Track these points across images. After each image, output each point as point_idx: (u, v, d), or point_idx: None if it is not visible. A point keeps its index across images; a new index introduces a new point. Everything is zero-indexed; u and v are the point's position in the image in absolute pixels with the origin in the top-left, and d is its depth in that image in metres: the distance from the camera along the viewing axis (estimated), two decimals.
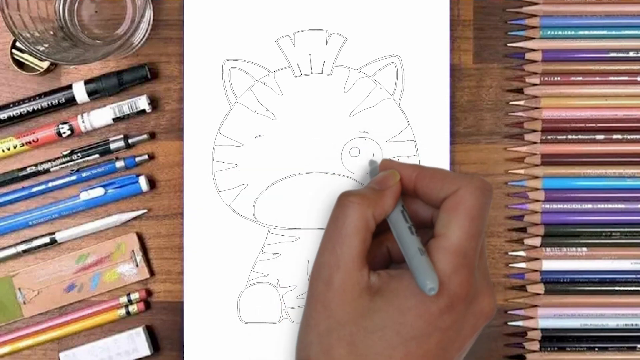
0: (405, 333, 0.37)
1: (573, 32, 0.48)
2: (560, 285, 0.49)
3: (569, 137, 0.49)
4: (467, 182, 0.39)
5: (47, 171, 0.49)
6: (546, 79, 0.48)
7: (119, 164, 0.48)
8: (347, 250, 0.38)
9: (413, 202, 0.42)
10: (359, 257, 0.38)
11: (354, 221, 0.38)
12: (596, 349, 0.49)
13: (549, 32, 0.48)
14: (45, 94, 0.48)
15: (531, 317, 0.49)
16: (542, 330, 0.49)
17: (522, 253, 0.49)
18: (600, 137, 0.49)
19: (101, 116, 0.48)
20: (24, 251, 0.49)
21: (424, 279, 0.36)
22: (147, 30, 0.49)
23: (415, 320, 0.37)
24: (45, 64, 0.48)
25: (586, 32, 0.48)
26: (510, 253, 0.49)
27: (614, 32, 0.48)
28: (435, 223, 0.39)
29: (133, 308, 0.48)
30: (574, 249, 0.48)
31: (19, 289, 0.49)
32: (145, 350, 0.48)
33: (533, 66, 0.49)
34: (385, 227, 0.40)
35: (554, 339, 0.49)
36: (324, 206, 0.48)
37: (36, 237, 0.49)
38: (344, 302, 0.38)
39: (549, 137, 0.49)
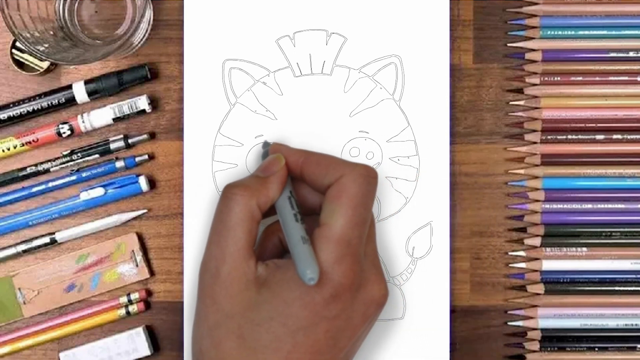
0: (292, 324, 0.37)
1: (573, 32, 0.48)
2: (560, 285, 0.49)
3: (569, 137, 0.49)
4: (350, 170, 0.39)
5: (47, 171, 0.49)
6: (546, 79, 0.48)
7: (119, 164, 0.48)
8: (232, 242, 0.38)
9: (303, 187, 0.42)
10: (245, 248, 0.38)
11: (238, 213, 0.38)
12: (596, 349, 0.49)
13: (549, 32, 0.48)
14: (45, 94, 0.48)
15: (531, 317, 0.49)
16: (542, 330, 0.49)
17: (522, 253, 0.49)
18: (600, 137, 0.49)
19: (101, 116, 0.48)
20: (24, 251, 0.49)
21: (304, 268, 0.36)
22: (147, 30, 0.49)
23: (301, 310, 0.37)
24: (45, 64, 0.48)
25: (586, 32, 0.48)
26: (510, 253, 0.49)
27: (614, 32, 0.48)
28: (321, 211, 0.39)
29: (133, 308, 0.48)
30: (574, 249, 0.48)
31: (19, 289, 0.49)
32: (145, 350, 0.48)
33: (533, 66, 0.49)
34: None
35: (554, 339, 0.49)
36: None
37: (36, 237, 0.49)
38: (231, 294, 0.38)
39: (549, 137, 0.49)
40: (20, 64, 0.49)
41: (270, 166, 0.41)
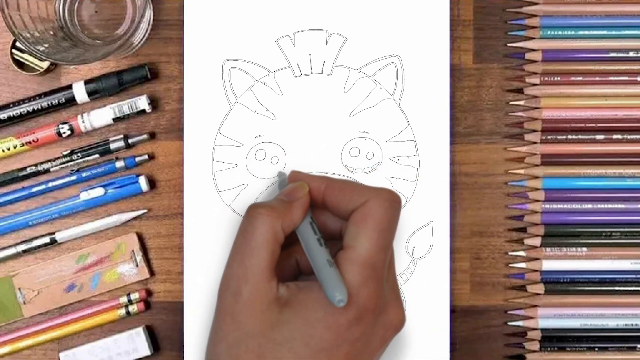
0: (314, 345, 0.37)
1: (573, 32, 0.48)
2: (560, 285, 0.49)
3: (569, 137, 0.49)
4: (376, 194, 0.39)
5: (47, 171, 0.49)
6: (546, 79, 0.48)
7: (119, 164, 0.48)
8: (255, 262, 0.38)
9: (322, 214, 0.42)
10: (268, 269, 0.38)
11: (263, 233, 0.39)
12: (596, 349, 0.49)
13: (549, 32, 0.48)
14: (45, 94, 0.48)
15: (531, 317, 0.49)
16: (542, 330, 0.49)
17: (522, 253, 0.49)
18: (600, 137, 0.49)
19: (101, 116, 0.48)
20: (24, 251, 0.49)
21: (333, 290, 0.36)
22: (147, 30, 0.49)
23: (324, 332, 0.37)
24: (45, 64, 0.48)
25: (586, 32, 0.48)
26: (510, 253, 0.49)
27: (614, 32, 0.48)
28: (344, 235, 0.39)
29: (133, 308, 0.48)
30: (574, 249, 0.48)
31: (19, 289, 0.49)
32: (145, 350, 0.48)
33: (533, 66, 0.49)
34: (294, 239, 0.41)
35: (554, 339, 0.49)
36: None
37: (36, 237, 0.49)
38: (253, 314, 0.38)
39: (549, 137, 0.49)
40: (20, 64, 0.49)
41: (294, 192, 0.41)
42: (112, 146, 0.48)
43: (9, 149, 0.48)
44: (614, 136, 0.49)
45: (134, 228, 0.49)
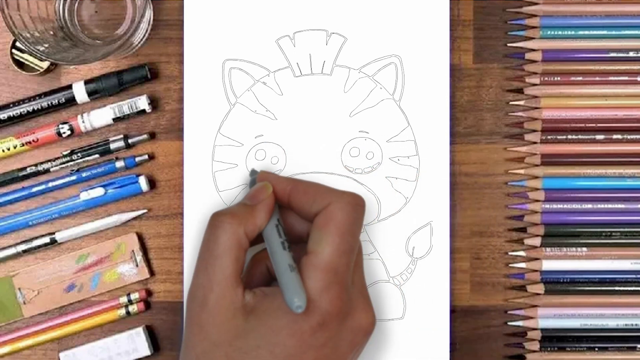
0: (279, 352, 0.37)
1: (573, 32, 0.48)
2: (560, 285, 0.49)
3: (569, 137, 0.49)
4: (337, 198, 0.39)
5: (47, 171, 0.49)
6: (546, 79, 0.48)
7: (119, 164, 0.48)
8: (219, 270, 0.38)
9: (289, 215, 0.42)
10: (232, 276, 0.38)
11: (225, 241, 0.38)
12: (596, 349, 0.49)
13: (549, 32, 0.48)
14: (45, 94, 0.48)
15: (531, 317, 0.49)
16: (542, 330, 0.49)
17: (522, 253, 0.49)
18: (600, 137, 0.49)
19: (101, 116, 0.48)
20: (24, 251, 0.49)
21: (292, 296, 0.36)
22: (147, 30, 0.49)
23: (288, 339, 0.37)
24: (45, 64, 0.48)
25: (586, 32, 0.48)
26: (510, 253, 0.49)
27: (614, 32, 0.48)
28: (308, 239, 0.39)
29: (133, 308, 0.48)
30: (574, 249, 0.48)
31: (19, 289, 0.49)
32: (145, 350, 0.48)
33: (533, 66, 0.49)
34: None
35: (554, 339, 0.49)
36: None
37: (36, 237, 0.49)
38: (218, 322, 0.38)
39: (549, 137, 0.49)
40: (20, 64, 0.49)
41: (257, 194, 0.41)
42: (112, 146, 0.48)
43: (9, 149, 0.48)
44: (614, 136, 0.49)
45: (134, 228, 0.49)
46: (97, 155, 0.48)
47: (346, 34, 0.48)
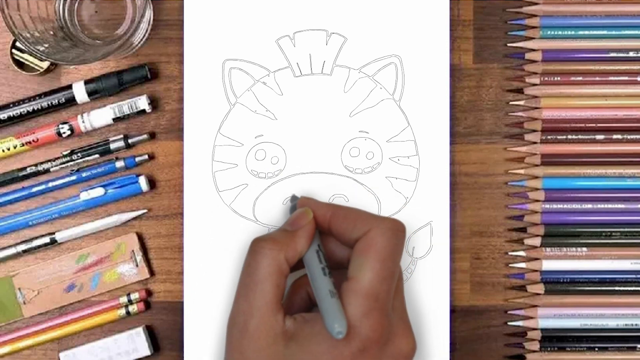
0: None
1: (573, 32, 0.48)
2: (560, 285, 0.49)
3: (569, 137, 0.49)
4: (378, 223, 0.39)
5: (47, 171, 0.49)
6: (546, 79, 0.48)
7: (119, 164, 0.48)
8: (260, 296, 0.38)
9: (330, 241, 0.42)
10: (273, 302, 0.38)
11: (266, 267, 0.39)
12: (596, 349, 0.49)
13: (549, 32, 0.48)
14: (45, 94, 0.48)
15: (531, 317, 0.49)
16: (542, 330, 0.49)
17: (522, 253, 0.49)
18: (600, 137, 0.49)
19: (101, 116, 0.48)
20: (24, 251, 0.49)
21: (332, 322, 0.36)
22: (147, 30, 0.49)
23: None
24: (45, 64, 0.48)
25: (586, 32, 0.48)
26: (510, 253, 0.49)
27: (614, 32, 0.48)
28: (349, 265, 0.39)
29: (133, 308, 0.48)
30: (574, 249, 0.48)
31: (19, 289, 0.49)
32: (145, 350, 0.48)
33: (533, 66, 0.49)
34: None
35: (554, 339, 0.49)
36: None
37: (36, 237, 0.49)
38: (259, 348, 0.38)
39: (549, 137, 0.49)
40: (20, 64, 0.49)
41: (298, 220, 0.41)
42: (112, 146, 0.48)
43: (9, 149, 0.48)
44: (614, 136, 0.49)
45: (134, 228, 0.49)
46: (97, 155, 0.48)
47: (346, 34, 0.48)
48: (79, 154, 0.48)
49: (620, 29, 0.48)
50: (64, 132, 0.48)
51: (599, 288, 0.49)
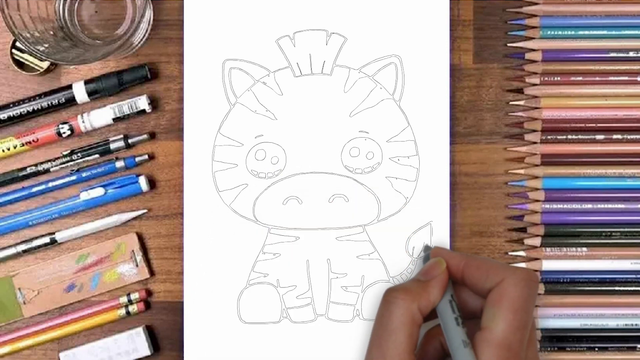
0: None
1: (573, 32, 0.48)
2: (560, 285, 0.49)
3: (569, 137, 0.49)
4: (511, 273, 0.39)
5: (47, 171, 0.49)
6: (546, 79, 0.48)
7: (119, 164, 0.48)
8: (392, 346, 0.38)
9: (463, 291, 0.42)
10: (406, 352, 0.38)
11: (399, 317, 0.39)
12: (596, 349, 0.49)
13: (549, 32, 0.48)
14: (45, 94, 0.48)
15: None
16: (542, 330, 0.49)
17: (522, 253, 0.49)
18: (600, 137, 0.49)
19: (101, 116, 0.48)
20: (24, 251, 0.49)
21: None
22: (147, 30, 0.49)
23: None
24: (45, 64, 0.48)
25: (586, 32, 0.48)
26: (510, 253, 0.49)
27: (614, 32, 0.48)
28: (482, 315, 0.39)
29: (133, 308, 0.48)
30: (574, 249, 0.48)
31: (19, 289, 0.49)
32: (145, 350, 0.48)
33: (533, 66, 0.49)
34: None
35: (554, 339, 0.49)
36: (323, 206, 0.48)
37: (36, 237, 0.49)
38: None
39: (549, 137, 0.49)
40: (20, 64, 0.49)
41: (431, 270, 0.41)
42: (112, 146, 0.48)
43: (9, 149, 0.48)
44: (614, 136, 0.49)
45: (134, 228, 0.49)
46: (97, 155, 0.48)
47: (346, 34, 0.48)
48: (79, 154, 0.48)
49: (620, 29, 0.48)
50: (64, 132, 0.48)
51: (599, 288, 0.49)
